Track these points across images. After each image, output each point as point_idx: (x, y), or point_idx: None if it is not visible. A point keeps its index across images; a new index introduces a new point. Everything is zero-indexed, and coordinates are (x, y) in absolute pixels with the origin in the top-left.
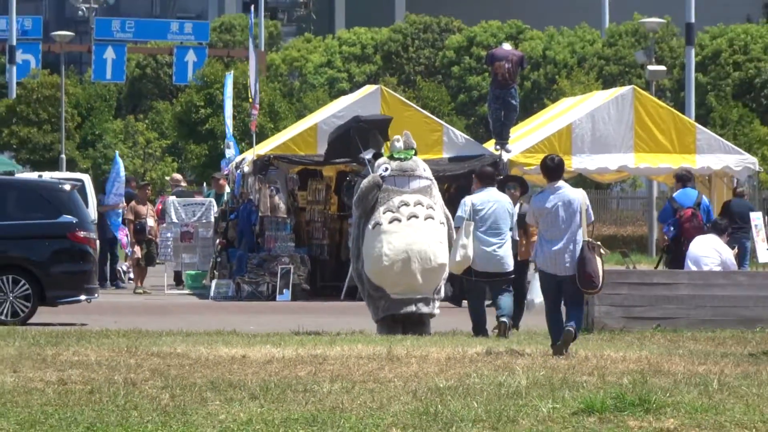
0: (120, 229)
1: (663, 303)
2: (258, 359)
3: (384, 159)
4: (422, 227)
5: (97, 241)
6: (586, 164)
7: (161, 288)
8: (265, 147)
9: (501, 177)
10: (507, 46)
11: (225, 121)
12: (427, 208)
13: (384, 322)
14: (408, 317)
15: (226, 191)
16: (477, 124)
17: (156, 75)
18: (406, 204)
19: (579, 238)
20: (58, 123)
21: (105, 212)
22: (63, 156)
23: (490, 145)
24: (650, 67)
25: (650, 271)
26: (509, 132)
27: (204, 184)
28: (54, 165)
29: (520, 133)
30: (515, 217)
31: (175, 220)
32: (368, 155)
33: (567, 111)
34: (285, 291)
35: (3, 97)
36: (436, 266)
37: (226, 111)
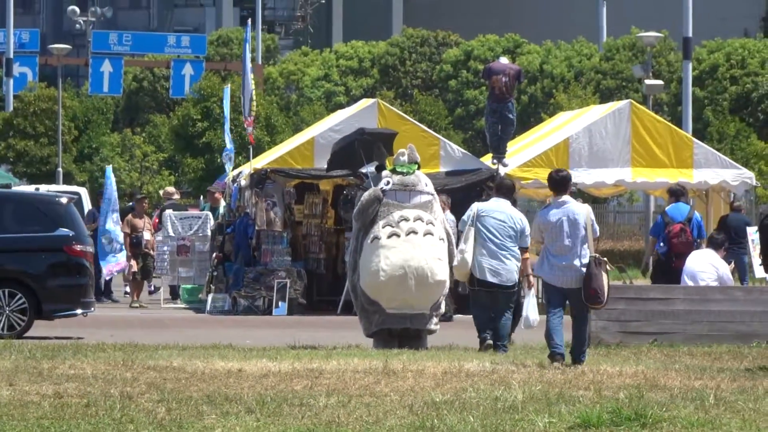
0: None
1: (659, 318)
2: (254, 373)
3: (386, 172)
4: (421, 243)
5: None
6: (583, 178)
7: (157, 302)
8: (262, 160)
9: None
10: (504, 60)
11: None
12: (427, 224)
13: (379, 335)
14: (404, 332)
15: (221, 204)
16: (474, 138)
17: (153, 88)
18: (406, 219)
19: (584, 253)
20: (55, 136)
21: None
22: (60, 169)
23: (488, 159)
24: (647, 82)
25: (647, 286)
26: (506, 146)
27: (201, 198)
28: (51, 178)
29: (517, 147)
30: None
31: (172, 234)
32: (370, 168)
33: (564, 125)
34: (281, 304)
35: (0, 110)
36: (433, 283)
37: (225, 125)
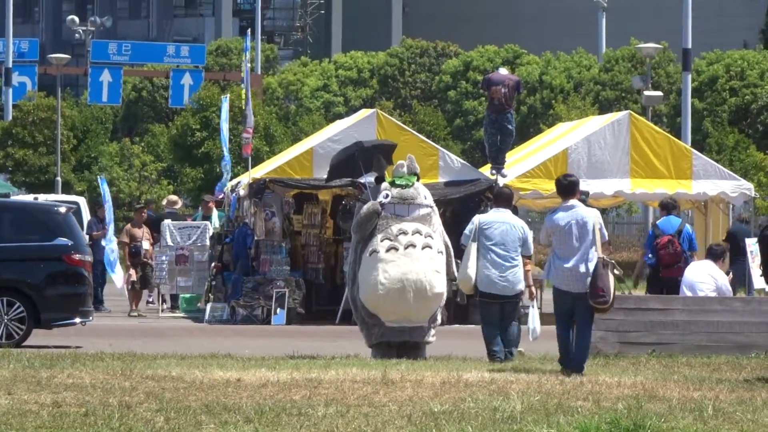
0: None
1: (658, 328)
2: (253, 383)
3: (385, 185)
4: (419, 257)
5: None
6: (582, 189)
7: (155, 311)
8: (261, 170)
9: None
10: (503, 71)
11: (223, 145)
12: (426, 237)
13: (379, 346)
14: (403, 342)
15: (215, 214)
16: (473, 149)
17: (152, 98)
18: (405, 233)
19: (592, 256)
20: (54, 145)
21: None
22: (59, 178)
23: (486, 170)
24: (647, 93)
25: (646, 297)
26: (505, 157)
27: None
28: (49, 187)
29: (516, 158)
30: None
31: (170, 243)
32: (369, 179)
33: (563, 136)
34: (279, 311)
35: None
36: (432, 296)
37: (223, 134)
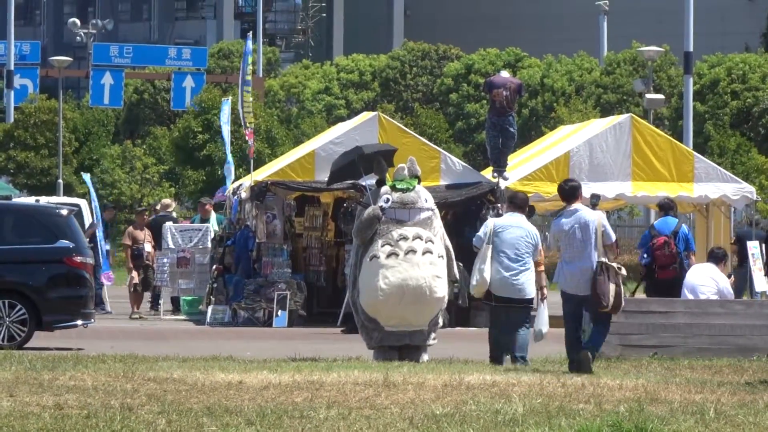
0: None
1: (660, 331)
2: (254, 385)
3: (386, 189)
4: (420, 262)
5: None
6: (584, 192)
7: (157, 313)
8: (263, 173)
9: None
10: (505, 74)
11: (224, 147)
12: (426, 242)
13: (380, 349)
14: (404, 344)
15: (213, 216)
16: (475, 152)
17: (154, 100)
18: (405, 238)
19: (595, 259)
20: (56, 148)
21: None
22: (60, 181)
23: (488, 173)
24: (648, 96)
25: (647, 300)
26: (507, 159)
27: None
28: (51, 190)
29: (518, 161)
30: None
31: (172, 246)
32: (370, 181)
33: (565, 139)
34: (281, 313)
35: (0, 122)
36: (432, 300)
37: (225, 137)
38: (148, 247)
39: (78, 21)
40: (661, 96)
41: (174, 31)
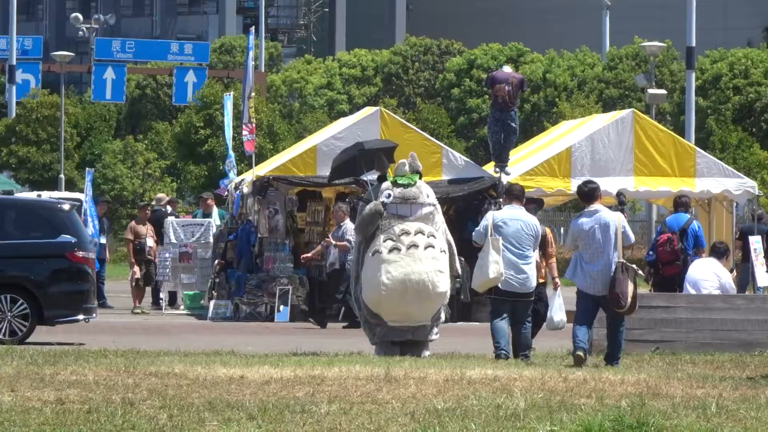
0: None
1: (662, 326)
2: (256, 380)
3: (387, 184)
4: (422, 256)
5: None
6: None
7: (159, 308)
8: (265, 168)
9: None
10: (507, 69)
11: (226, 142)
12: (428, 237)
13: (382, 343)
14: (406, 340)
15: (214, 211)
16: (477, 147)
17: (156, 95)
18: (407, 233)
19: (615, 259)
20: (58, 143)
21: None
22: (62, 176)
23: (490, 168)
24: (650, 91)
25: (649, 294)
26: (509, 154)
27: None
28: (53, 185)
29: (520, 156)
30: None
31: (174, 241)
32: (372, 177)
33: (567, 134)
34: (283, 308)
35: (2, 117)
36: (434, 296)
37: (227, 132)
38: (151, 242)
39: (80, 16)
40: (663, 91)
41: (176, 26)
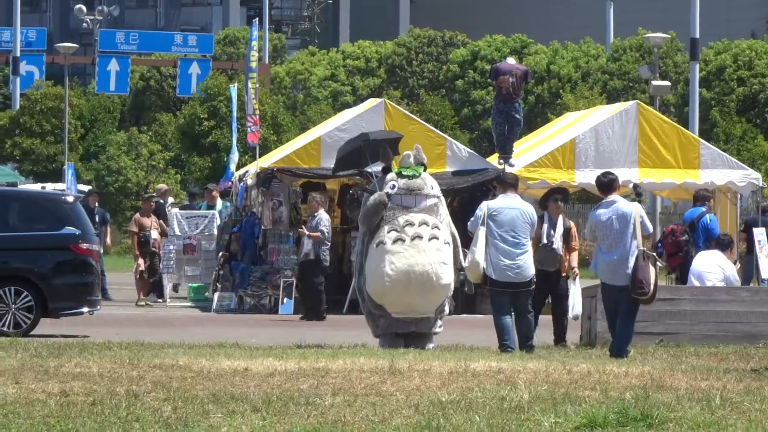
0: None
1: (666, 318)
2: (260, 372)
3: (392, 176)
4: (426, 248)
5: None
6: (590, 179)
7: (163, 301)
8: (269, 160)
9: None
10: (511, 61)
11: (231, 134)
12: (432, 228)
13: (386, 335)
14: (410, 332)
15: (219, 203)
16: (481, 138)
17: (160, 87)
18: (411, 224)
19: (634, 249)
20: (62, 134)
21: None
22: (66, 167)
23: (494, 159)
24: (654, 82)
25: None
26: (513, 146)
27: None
28: (57, 176)
29: (524, 147)
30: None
31: (178, 233)
32: (376, 168)
33: (571, 125)
34: (287, 300)
35: (6, 108)
36: (438, 287)
37: (232, 124)
38: (155, 234)
39: (84, 7)
40: (667, 83)
41: (180, 18)
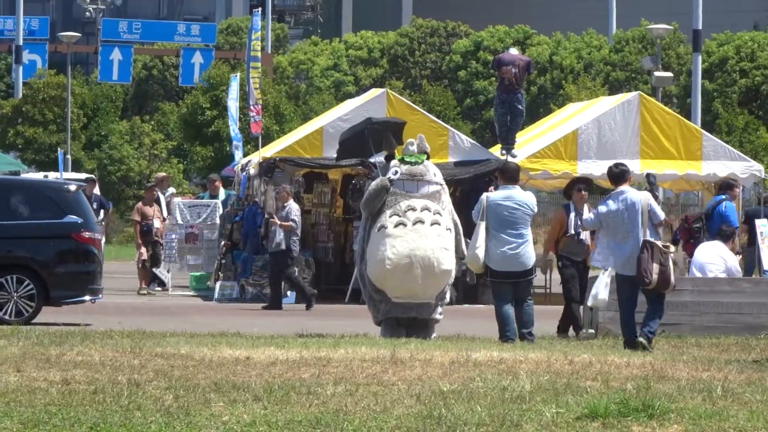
0: None
1: (667, 309)
2: (262, 361)
3: (395, 162)
4: (427, 233)
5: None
6: (592, 170)
7: (165, 288)
8: (271, 149)
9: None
10: (514, 51)
11: (231, 124)
12: (434, 214)
13: (388, 325)
14: (411, 321)
15: (221, 192)
16: (483, 129)
17: (162, 76)
18: (413, 209)
19: (642, 238)
20: (64, 123)
21: None
22: (69, 156)
23: (496, 150)
24: (657, 74)
25: None
26: (515, 137)
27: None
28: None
29: (526, 138)
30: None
31: (180, 222)
32: (379, 158)
33: (573, 116)
34: (289, 293)
35: (9, 97)
36: (439, 272)
37: (231, 113)
38: (158, 223)
39: None
40: (670, 74)
41: (183, 7)
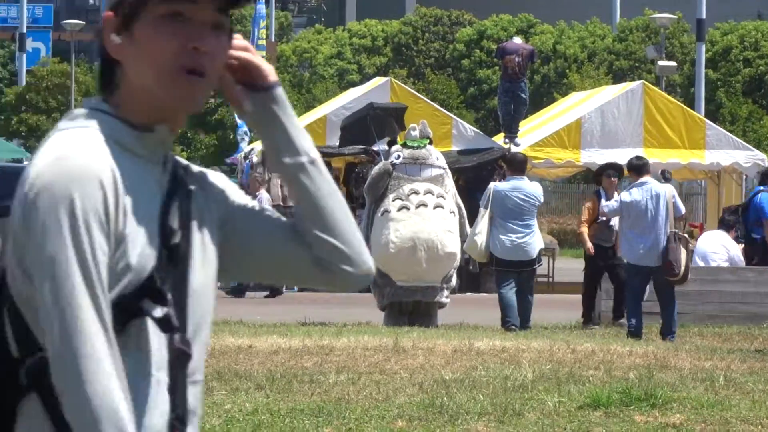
0: None
1: None
2: (264, 349)
3: (397, 146)
4: (431, 216)
5: None
6: (595, 159)
7: None
8: None
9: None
10: (518, 40)
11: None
12: (437, 197)
13: (390, 312)
14: (415, 308)
15: None
16: (486, 118)
17: None
18: (416, 192)
19: (667, 230)
20: (68, 111)
21: None
22: None
23: (500, 139)
24: (660, 63)
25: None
26: (518, 125)
27: None
28: None
29: (530, 127)
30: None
31: None
32: (382, 146)
33: (576, 105)
34: None
35: (12, 85)
36: (443, 255)
37: None
38: None
39: None
40: (674, 63)
41: None
